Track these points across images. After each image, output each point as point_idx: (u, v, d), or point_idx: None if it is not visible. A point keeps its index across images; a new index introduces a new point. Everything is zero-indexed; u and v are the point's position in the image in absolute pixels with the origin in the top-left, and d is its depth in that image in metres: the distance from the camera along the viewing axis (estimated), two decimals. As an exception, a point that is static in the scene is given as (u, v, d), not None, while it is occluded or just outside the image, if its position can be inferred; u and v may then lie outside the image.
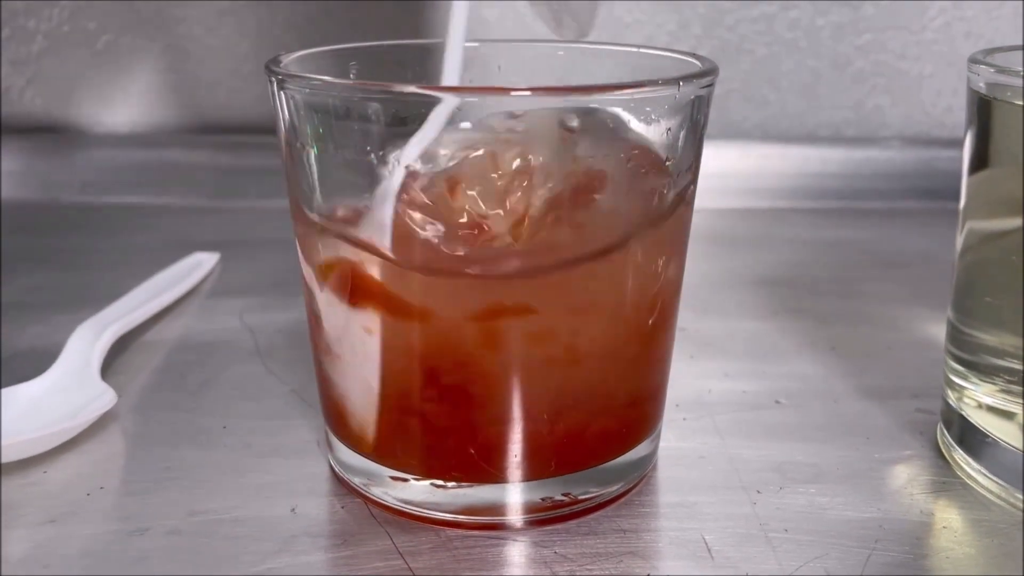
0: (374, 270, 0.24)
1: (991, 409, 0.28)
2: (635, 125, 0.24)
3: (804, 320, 0.40)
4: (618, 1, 0.60)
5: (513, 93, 0.23)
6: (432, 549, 0.25)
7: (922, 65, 0.61)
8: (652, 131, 0.24)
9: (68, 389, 0.31)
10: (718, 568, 0.24)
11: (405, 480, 0.26)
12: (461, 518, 0.26)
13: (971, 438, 0.28)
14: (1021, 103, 0.25)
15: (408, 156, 0.23)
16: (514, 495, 0.26)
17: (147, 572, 0.24)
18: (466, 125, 0.23)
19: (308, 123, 0.24)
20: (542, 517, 0.26)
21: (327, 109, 0.24)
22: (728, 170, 0.57)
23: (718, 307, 0.41)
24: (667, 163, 0.25)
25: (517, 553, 0.25)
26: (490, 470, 0.25)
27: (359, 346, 0.25)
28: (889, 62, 0.61)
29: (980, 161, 0.27)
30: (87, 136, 0.61)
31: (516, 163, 0.23)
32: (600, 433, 0.26)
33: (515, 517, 0.26)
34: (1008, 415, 0.27)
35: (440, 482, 0.25)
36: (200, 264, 0.44)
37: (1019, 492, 0.27)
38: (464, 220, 0.23)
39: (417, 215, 0.23)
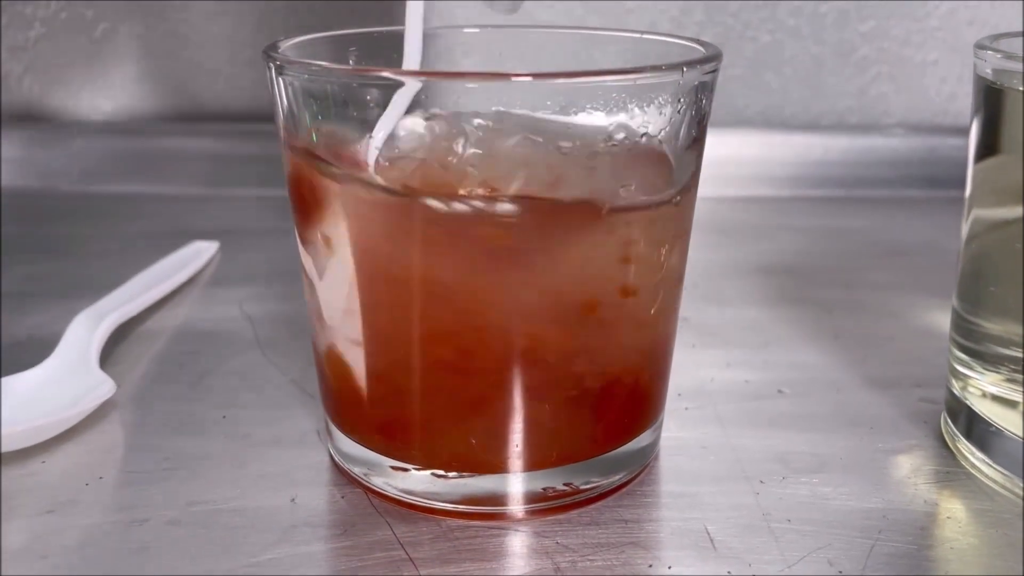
0: (374, 251, 0.24)
1: (996, 398, 0.27)
2: (638, 111, 0.23)
3: (807, 309, 0.40)
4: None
5: (514, 79, 0.22)
6: (433, 539, 0.25)
7: (926, 52, 0.61)
8: (655, 117, 0.24)
9: (67, 378, 0.31)
10: (720, 559, 0.24)
11: (406, 470, 0.26)
12: (462, 508, 0.25)
13: (975, 427, 0.28)
14: (1028, 89, 0.25)
15: (376, 140, 0.23)
16: (515, 485, 0.25)
17: (146, 562, 0.24)
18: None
19: (307, 109, 0.24)
20: (543, 507, 0.26)
21: (326, 95, 0.23)
22: (731, 158, 0.56)
23: (720, 296, 0.41)
24: (670, 150, 0.24)
25: (518, 543, 0.25)
26: (491, 460, 0.25)
27: (359, 332, 0.25)
28: (893, 49, 0.61)
29: (987, 148, 0.27)
30: (85, 124, 0.61)
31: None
32: (602, 422, 0.26)
33: (516, 507, 0.26)
34: (1013, 404, 0.27)
35: (441, 472, 0.25)
36: (199, 253, 0.44)
37: (1023, 482, 0.27)
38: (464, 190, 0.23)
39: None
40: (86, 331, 0.34)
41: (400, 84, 0.23)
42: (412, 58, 0.25)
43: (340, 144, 0.24)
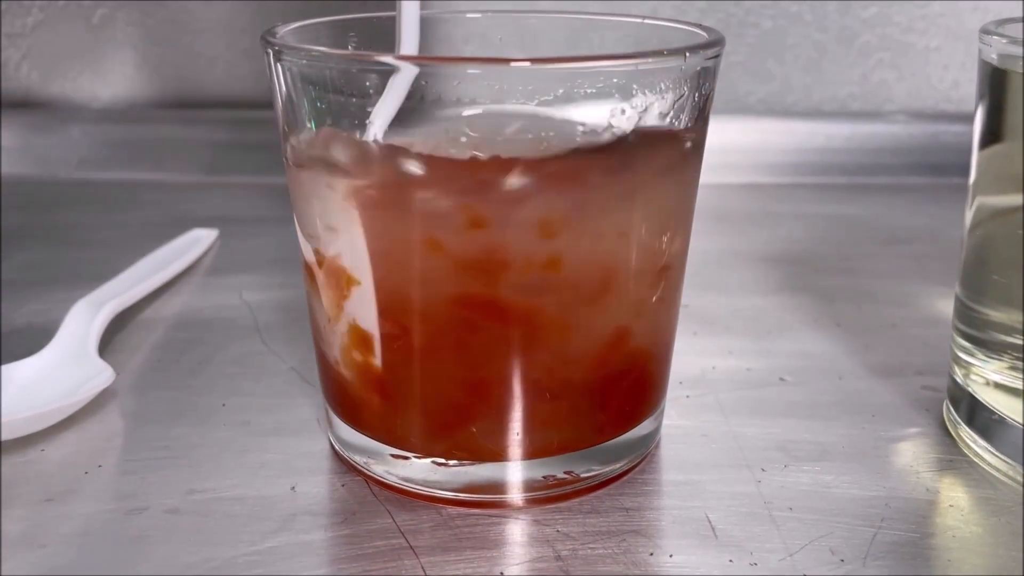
0: (374, 239, 0.24)
1: (998, 386, 0.27)
2: (640, 97, 0.23)
3: (808, 297, 0.40)
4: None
5: (513, 64, 0.22)
6: (433, 527, 0.25)
7: (929, 39, 0.61)
8: (657, 103, 0.23)
9: (66, 367, 0.31)
10: (722, 547, 0.24)
11: (406, 458, 0.26)
12: (462, 496, 0.25)
13: (978, 416, 0.28)
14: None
15: (376, 128, 0.23)
16: (515, 473, 0.25)
17: (146, 551, 0.24)
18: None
19: (305, 96, 0.24)
20: (544, 495, 0.26)
21: (325, 81, 0.23)
22: (732, 145, 0.56)
23: (721, 284, 0.41)
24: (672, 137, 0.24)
25: (519, 531, 0.25)
26: (491, 448, 0.25)
27: (359, 320, 0.25)
28: (895, 35, 0.60)
29: (991, 135, 0.27)
30: (84, 111, 0.61)
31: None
32: (603, 411, 0.26)
33: (517, 495, 0.25)
34: (1015, 392, 0.27)
35: (441, 460, 0.25)
36: (198, 240, 0.44)
37: (1026, 470, 0.26)
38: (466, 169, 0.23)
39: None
40: (85, 319, 0.34)
41: (396, 69, 0.22)
42: (409, 42, 0.25)
43: (340, 131, 0.24)
